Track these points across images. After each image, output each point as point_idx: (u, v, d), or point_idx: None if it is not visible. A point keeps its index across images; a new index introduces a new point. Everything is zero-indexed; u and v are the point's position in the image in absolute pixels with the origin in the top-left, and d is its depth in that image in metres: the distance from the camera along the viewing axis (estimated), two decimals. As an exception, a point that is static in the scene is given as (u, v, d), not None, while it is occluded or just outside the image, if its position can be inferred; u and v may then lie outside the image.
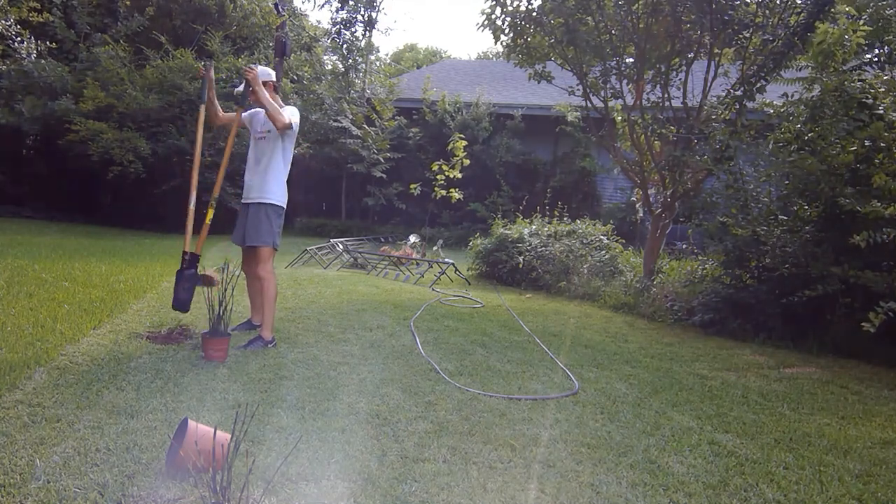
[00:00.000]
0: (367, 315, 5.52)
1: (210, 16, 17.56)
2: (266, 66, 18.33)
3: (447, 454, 2.68)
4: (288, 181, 4.44)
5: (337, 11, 17.74)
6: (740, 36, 6.56)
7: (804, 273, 5.14)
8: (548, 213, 9.87)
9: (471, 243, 9.39)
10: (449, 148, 10.74)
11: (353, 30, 17.55)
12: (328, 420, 2.97)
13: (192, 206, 4.10)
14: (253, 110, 4.46)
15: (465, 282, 8.35)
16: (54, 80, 14.04)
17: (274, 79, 4.37)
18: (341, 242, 10.49)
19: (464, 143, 10.78)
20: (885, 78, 5.40)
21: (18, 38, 15.10)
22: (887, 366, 4.78)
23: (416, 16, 57.90)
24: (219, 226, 4.88)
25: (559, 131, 13.31)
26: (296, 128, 4.30)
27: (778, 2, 6.48)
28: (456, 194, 10.87)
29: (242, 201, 4.44)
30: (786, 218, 5.59)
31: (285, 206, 4.41)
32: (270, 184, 4.29)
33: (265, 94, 4.13)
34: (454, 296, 7.02)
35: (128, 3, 16.77)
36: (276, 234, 4.34)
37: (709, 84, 6.87)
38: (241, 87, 4.20)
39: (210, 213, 4.09)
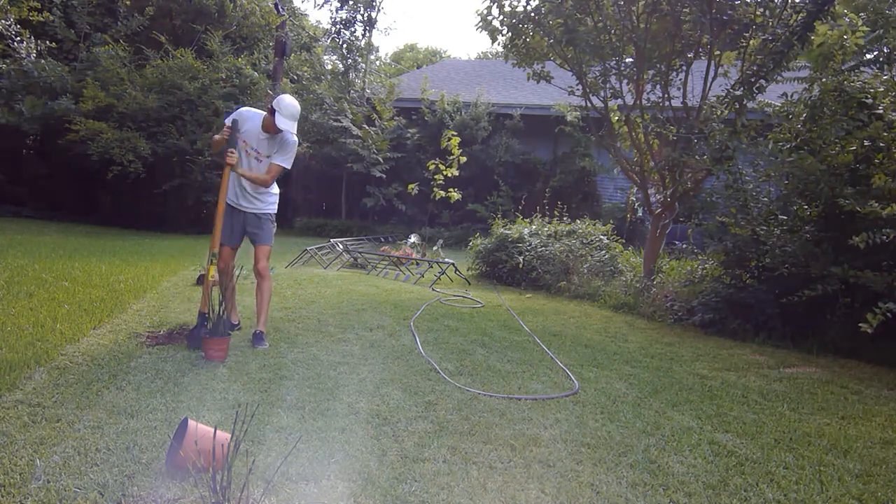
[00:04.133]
0: (367, 315, 5.52)
1: (210, 16, 17.57)
2: (266, 66, 18.16)
3: (447, 454, 2.69)
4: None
5: (337, 11, 17.77)
6: (742, 36, 6.56)
7: (804, 273, 5.14)
8: (547, 213, 9.87)
9: (471, 243, 9.39)
10: (444, 146, 10.73)
11: (352, 30, 17.57)
12: (328, 420, 2.98)
13: (212, 268, 4.10)
14: (248, 114, 4.29)
15: (465, 282, 8.35)
16: (54, 80, 14.05)
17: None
18: (341, 242, 10.50)
19: (458, 139, 10.77)
20: (885, 78, 5.40)
21: (18, 38, 15.11)
22: (887, 366, 4.78)
23: (416, 16, 57.97)
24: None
25: (559, 131, 13.31)
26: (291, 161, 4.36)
27: (778, 1, 6.48)
28: (455, 194, 10.86)
29: (231, 204, 4.35)
30: (786, 218, 5.58)
31: None
32: (270, 196, 4.42)
33: (247, 173, 4.16)
34: (454, 296, 7.02)
35: (128, 3, 16.78)
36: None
37: (708, 84, 6.86)
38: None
39: (212, 270, 4.11)
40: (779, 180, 5.89)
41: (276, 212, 4.52)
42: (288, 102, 4.12)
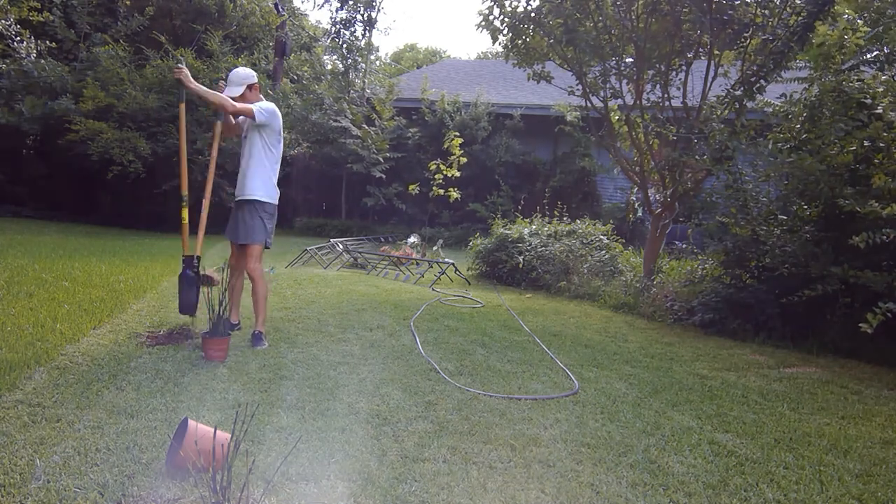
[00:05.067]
0: (367, 315, 5.52)
1: (210, 16, 17.57)
2: (266, 66, 18.22)
3: (447, 454, 2.69)
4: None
5: (337, 11, 17.78)
6: (741, 37, 6.56)
7: (804, 273, 5.14)
8: (547, 213, 9.87)
9: (471, 243, 9.39)
10: (445, 147, 10.73)
11: (352, 30, 17.57)
12: (328, 420, 2.98)
13: (184, 210, 4.12)
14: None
15: (465, 282, 8.35)
16: (54, 80, 14.04)
17: (254, 80, 4.31)
18: (341, 242, 10.49)
19: (459, 140, 10.77)
20: (884, 78, 5.40)
21: (18, 38, 15.10)
22: (887, 366, 4.78)
23: (416, 16, 58.02)
24: (218, 225, 4.89)
25: (559, 131, 13.31)
26: (268, 120, 4.23)
27: (778, 2, 6.48)
28: (454, 193, 10.86)
29: (235, 198, 4.48)
30: (785, 218, 5.58)
31: (275, 203, 4.40)
32: (254, 180, 4.30)
33: (200, 88, 4.08)
34: (454, 296, 7.02)
35: (128, 3, 16.78)
36: (268, 232, 4.36)
37: (708, 84, 6.87)
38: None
39: (184, 212, 4.10)
40: (778, 180, 5.88)
41: (266, 199, 4.29)
42: (232, 71, 4.35)
